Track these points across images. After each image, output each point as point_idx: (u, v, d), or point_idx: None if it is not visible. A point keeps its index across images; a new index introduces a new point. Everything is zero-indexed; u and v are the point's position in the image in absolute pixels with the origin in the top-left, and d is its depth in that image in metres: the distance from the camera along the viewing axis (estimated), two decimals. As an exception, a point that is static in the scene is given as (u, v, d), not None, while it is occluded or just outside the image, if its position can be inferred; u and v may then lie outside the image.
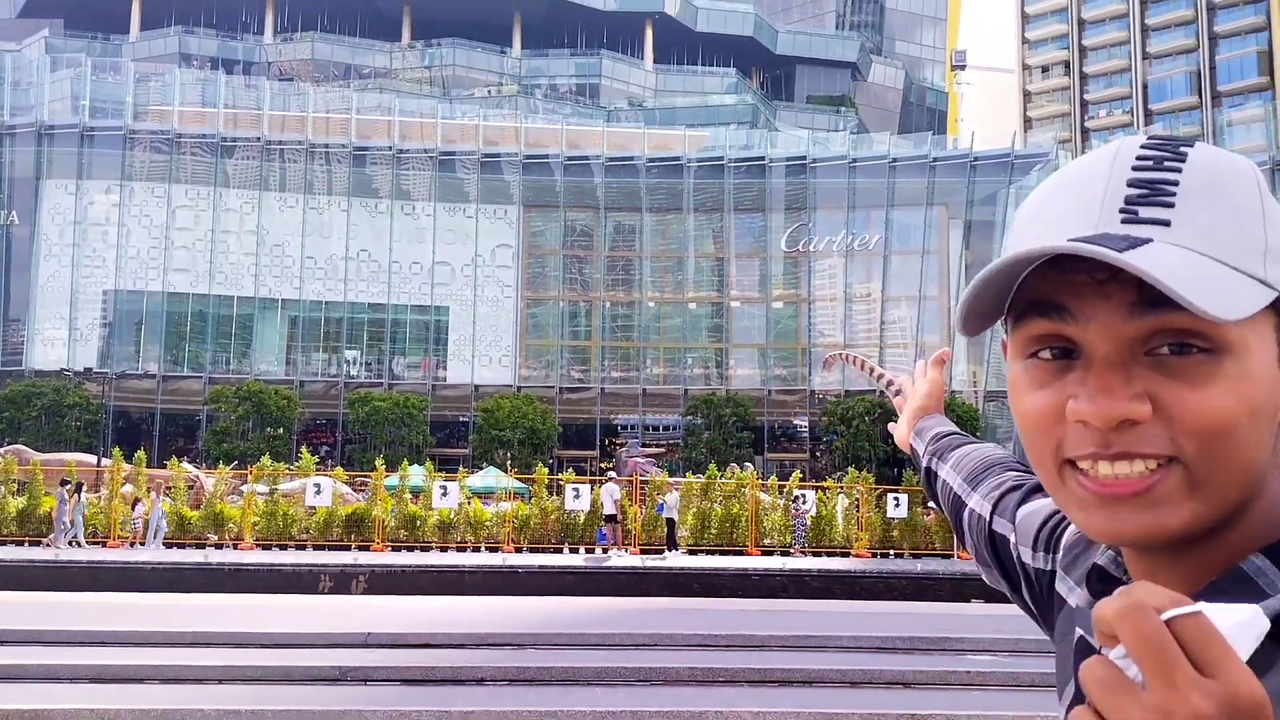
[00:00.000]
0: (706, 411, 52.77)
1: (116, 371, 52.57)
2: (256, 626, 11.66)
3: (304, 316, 56.19)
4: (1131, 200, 0.80)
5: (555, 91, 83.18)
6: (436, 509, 27.05)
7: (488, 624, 12.26)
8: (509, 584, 19.96)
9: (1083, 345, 0.81)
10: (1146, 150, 0.83)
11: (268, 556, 22.98)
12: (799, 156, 57.52)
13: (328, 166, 56.40)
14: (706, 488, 29.28)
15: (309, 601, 15.99)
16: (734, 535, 27.96)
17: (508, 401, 51.68)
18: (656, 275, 59.11)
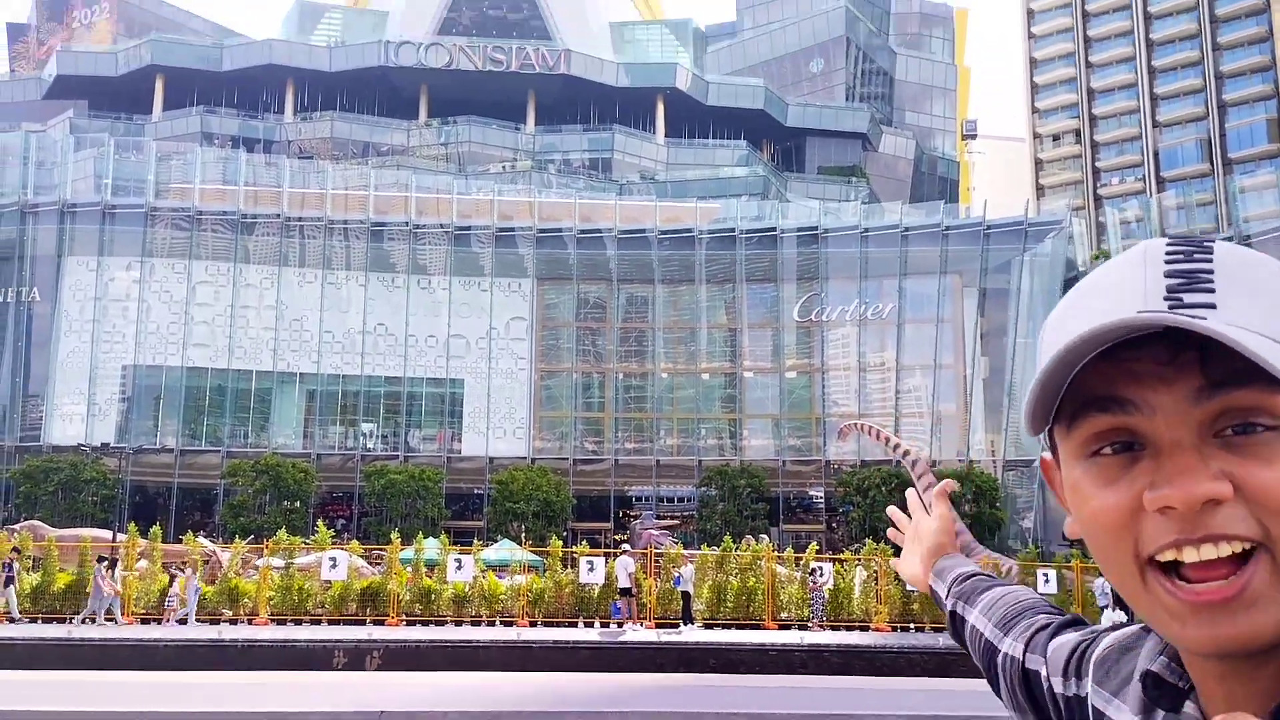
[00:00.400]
0: (721, 483, 52.47)
1: (134, 446, 52.81)
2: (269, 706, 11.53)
3: (321, 390, 56.48)
4: (1173, 289, 0.80)
5: (568, 166, 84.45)
6: (451, 583, 26.85)
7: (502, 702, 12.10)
8: (524, 659, 19.72)
9: (1149, 435, 0.80)
10: (1174, 247, 0.84)
11: (282, 632, 22.81)
12: (810, 227, 57.92)
13: (346, 242, 57.12)
14: (722, 560, 28.99)
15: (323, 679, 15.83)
16: (751, 608, 27.59)
17: (522, 474, 51.57)
18: (669, 346, 59.29)
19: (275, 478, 49.55)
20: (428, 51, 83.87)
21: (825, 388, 57.25)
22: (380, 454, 55.32)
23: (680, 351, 59.50)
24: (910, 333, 55.77)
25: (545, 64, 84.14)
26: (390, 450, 55.76)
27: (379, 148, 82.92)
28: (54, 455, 50.50)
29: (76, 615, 25.02)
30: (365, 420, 56.55)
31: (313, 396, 56.76)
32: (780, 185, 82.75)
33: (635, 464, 57.05)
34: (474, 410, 56.95)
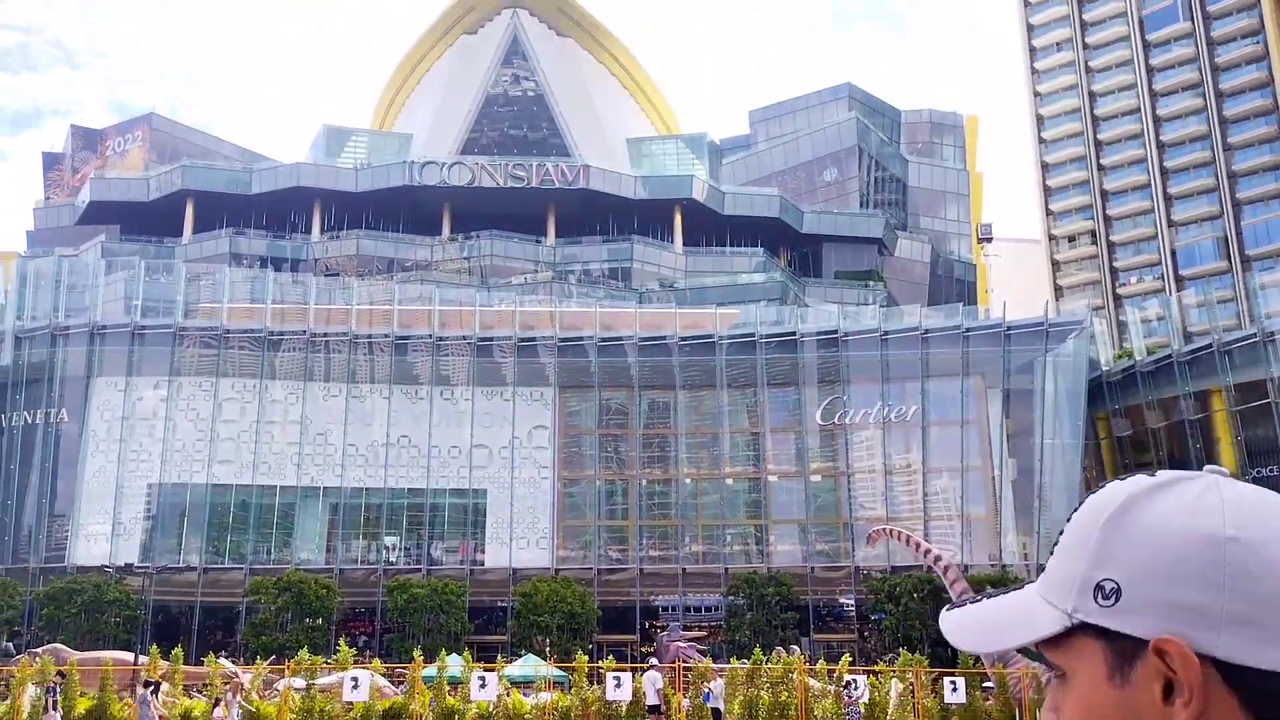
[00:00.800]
0: (748, 591, 51.59)
1: (158, 565, 52.64)
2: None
3: (344, 503, 56.38)
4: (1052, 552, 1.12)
5: (588, 276, 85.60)
6: (475, 701, 26.31)
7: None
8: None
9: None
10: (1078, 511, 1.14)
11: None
12: (830, 331, 58.13)
13: (370, 356, 57.70)
14: (753, 673, 28.31)
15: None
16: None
17: (546, 585, 50.92)
18: (692, 451, 59.03)
19: (297, 595, 49.11)
20: (451, 170, 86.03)
21: (851, 491, 56.63)
22: (403, 567, 54.85)
23: (703, 456, 59.20)
24: (935, 435, 55.37)
25: (565, 179, 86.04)
26: (413, 563, 55.30)
27: (403, 263, 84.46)
28: (78, 576, 50.34)
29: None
30: (388, 533, 56.24)
31: (335, 510, 56.63)
32: (798, 290, 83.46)
33: (660, 572, 56.27)
34: (497, 520, 56.61)
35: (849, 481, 56.76)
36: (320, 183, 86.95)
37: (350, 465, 56.17)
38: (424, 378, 57.84)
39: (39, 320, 57.14)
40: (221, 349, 56.36)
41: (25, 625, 49.37)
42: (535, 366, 58.31)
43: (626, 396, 59.46)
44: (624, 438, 59.68)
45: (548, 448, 57.95)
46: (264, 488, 55.44)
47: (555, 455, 57.94)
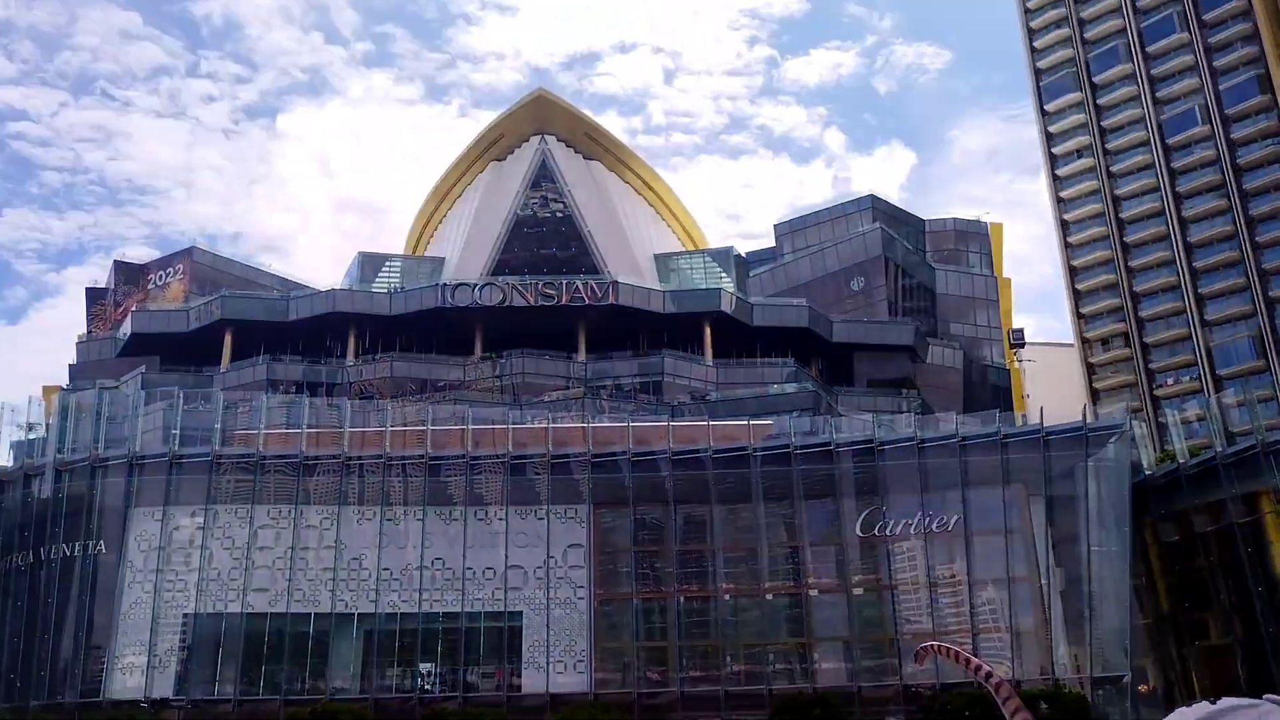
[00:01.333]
0: (793, 715, 50.00)
1: (192, 698, 51.94)
2: None
3: (379, 629, 55.69)
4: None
5: (620, 391, 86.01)
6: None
7: None
8: None
9: None
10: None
11: None
12: (865, 440, 57.61)
13: (404, 477, 57.74)
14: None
15: None
16: None
17: (584, 712, 49.69)
18: (730, 566, 58.02)
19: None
20: (482, 291, 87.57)
21: (896, 605, 55.23)
22: (438, 695, 53.75)
23: (742, 571, 58.16)
24: (979, 545, 54.20)
25: (594, 295, 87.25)
26: (448, 689, 54.22)
27: (436, 383, 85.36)
28: (113, 712, 49.73)
29: None
30: (423, 660, 55.31)
31: (370, 637, 55.90)
32: (830, 400, 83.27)
33: (702, 694, 54.69)
34: (533, 643, 55.60)
35: (893, 595, 55.43)
36: (355, 307, 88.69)
37: (385, 590, 55.66)
38: (457, 498, 57.71)
39: (79, 452, 57.84)
40: (258, 475, 56.64)
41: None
42: (569, 484, 58.06)
43: (662, 512, 58.89)
44: (660, 554, 58.87)
45: (583, 566, 57.25)
46: (298, 615, 54.96)
47: (591, 574, 57.18)
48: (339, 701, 50.87)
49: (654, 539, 59.29)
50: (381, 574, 55.87)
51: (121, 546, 55.53)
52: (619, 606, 57.96)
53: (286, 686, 53.50)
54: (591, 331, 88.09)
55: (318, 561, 56.02)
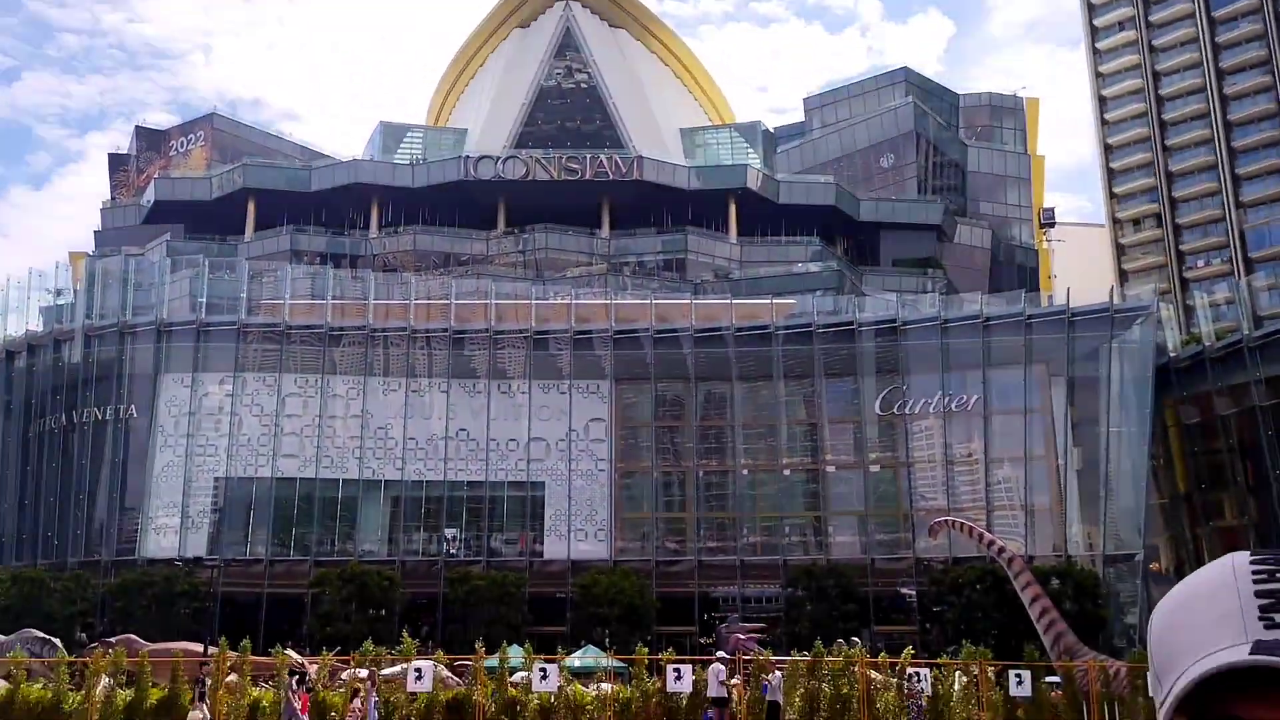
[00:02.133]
0: (808, 583, 51.31)
1: (225, 558, 53.73)
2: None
3: (405, 496, 57.10)
4: (1265, 609, 1.03)
5: (643, 268, 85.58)
6: (537, 692, 26.48)
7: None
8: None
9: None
10: (1258, 565, 1.07)
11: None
12: (888, 320, 57.46)
13: (428, 350, 58.29)
14: (813, 666, 28.12)
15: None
16: (845, 717, 26.63)
17: (604, 577, 51.14)
18: (749, 443, 58.76)
19: (361, 586, 49.89)
20: (505, 164, 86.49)
21: (912, 482, 55.98)
22: (463, 559, 55.38)
23: (760, 448, 58.91)
24: (998, 424, 54.51)
25: (619, 171, 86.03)
26: (473, 555, 55.82)
27: (459, 258, 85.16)
28: (148, 569, 51.59)
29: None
30: (448, 525, 56.83)
31: (397, 503, 57.38)
32: (855, 279, 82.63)
33: (719, 564, 56.15)
34: (555, 513, 56.92)
35: (909, 472, 56.12)
36: (378, 179, 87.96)
37: (410, 459, 56.84)
38: (481, 371, 58.30)
39: (107, 318, 58.59)
40: (284, 345, 57.32)
41: (98, 617, 50.70)
42: (591, 359, 58.46)
43: (682, 388, 59.37)
44: (680, 430, 59.62)
45: (604, 440, 58.10)
46: (327, 481, 56.34)
47: (612, 448, 58.06)
48: (367, 563, 52.54)
49: (674, 414, 59.95)
50: (407, 443, 56.96)
51: (152, 411, 56.69)
52: (639, 479, 59.04)
53: (316, 548, 55.23)
54: (615, 207, 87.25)
55: (345, 430, 57.10)
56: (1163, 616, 1.10)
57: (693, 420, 58.99)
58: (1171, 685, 1.03)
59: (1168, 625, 1.09)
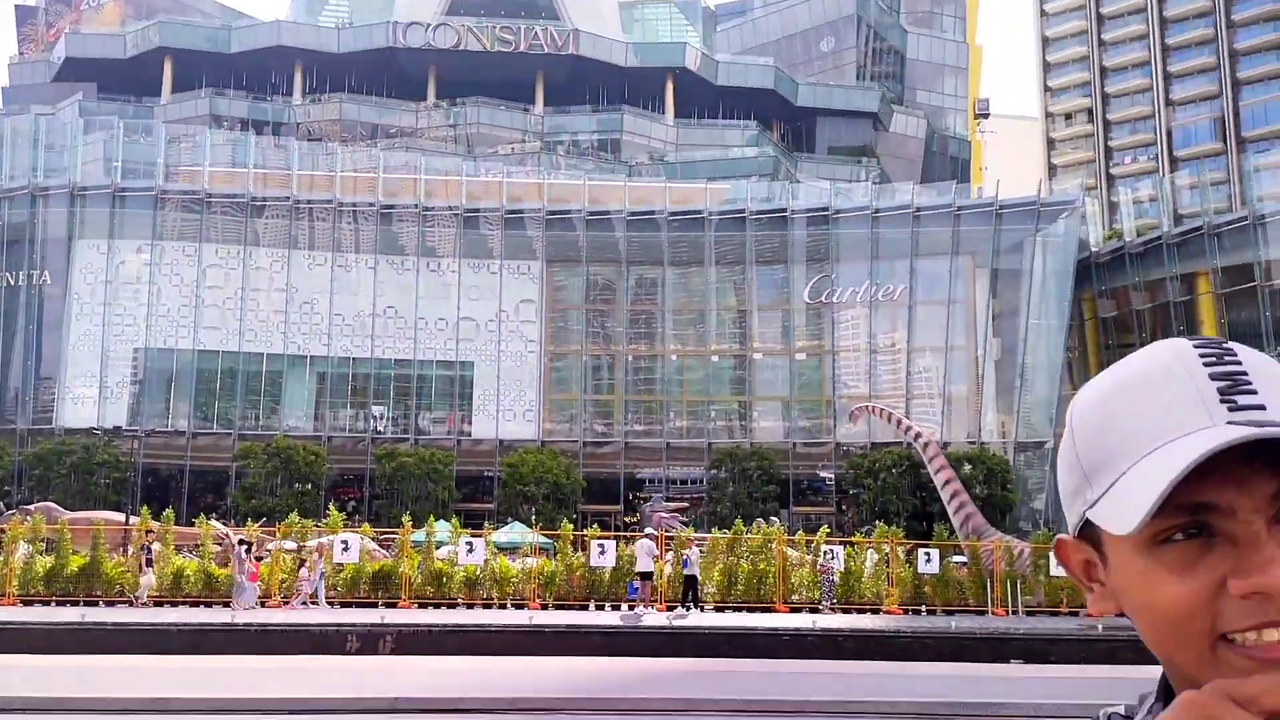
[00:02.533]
0: (731, 465, 52.45)
1: (146, 429, 52.98)
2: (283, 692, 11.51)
3: (332, 372, 56.59)
4: (1223, 391, 0.92)
5: (577, 147, 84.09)
6: (462, 565, 26.89)
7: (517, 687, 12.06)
8: (537, 644, 19.72)
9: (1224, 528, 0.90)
10: (1202, 349, 0.96)
11: (295, 616, 22.86)
12: (821, 208, 57.60)
13: (355, 224, 57.06)
14: (733, 543, 28.96)
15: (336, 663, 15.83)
16: (761, 591, 27.58)
17: (532, 456, 51.66)
18: (678, 328, 59.12)
19: (286, 460, 49.75)
20: (436, 32, 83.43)
21: (836, 370, 57.05)
22: (390, 436, 55.42)
23: (690, 334, 59.34)
24: (922, 314, 55.50)
25: (554, 44, 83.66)
26: (401, 433, 55.87)
27: (387, 129, 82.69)
28: (66, 438, 50.70)
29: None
30: (376, 403, 56.63)
31: (323, 379, 56.88)
32: (790, 166, 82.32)
33: (645, 446, 57.03)
34: (484, 393, 56.97)
35: (834, 360, 57.12)
36: (301, 42, 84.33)
37: (337, 335, 56.15)
38: (410, 248, 57.35)
39: (18, 180, 56.08)
40: (204, 213, 55.61)
41: (15, 485, 49.92)
42: (522, 239, 57.81)
43: (614, 272, 59.19)
44: (611, 313, 59.67)
45: (534, 322, 57.94)
46: (251, 355, 55.51)
47: (542, 329, 57.98)
48: (294, 438, 52.28)
49: (605, 298, 59.89)
50: (334, 319, 56.19)
51: (67, 278, 54.94)
52: (568, 361, 59.23)
53: (240, 422, 54.73)
54: (550, 83, 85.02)
55: (269, 304, 56.06)
56: (1095, 407, 0.97)
57: (623, 304, 59.03)
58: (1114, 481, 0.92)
59: (1106, 415, 0.96)
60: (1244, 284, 53.32)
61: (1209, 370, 0.93)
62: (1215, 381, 0.92)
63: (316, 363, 56.48)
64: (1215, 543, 0.90)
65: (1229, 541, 0.89)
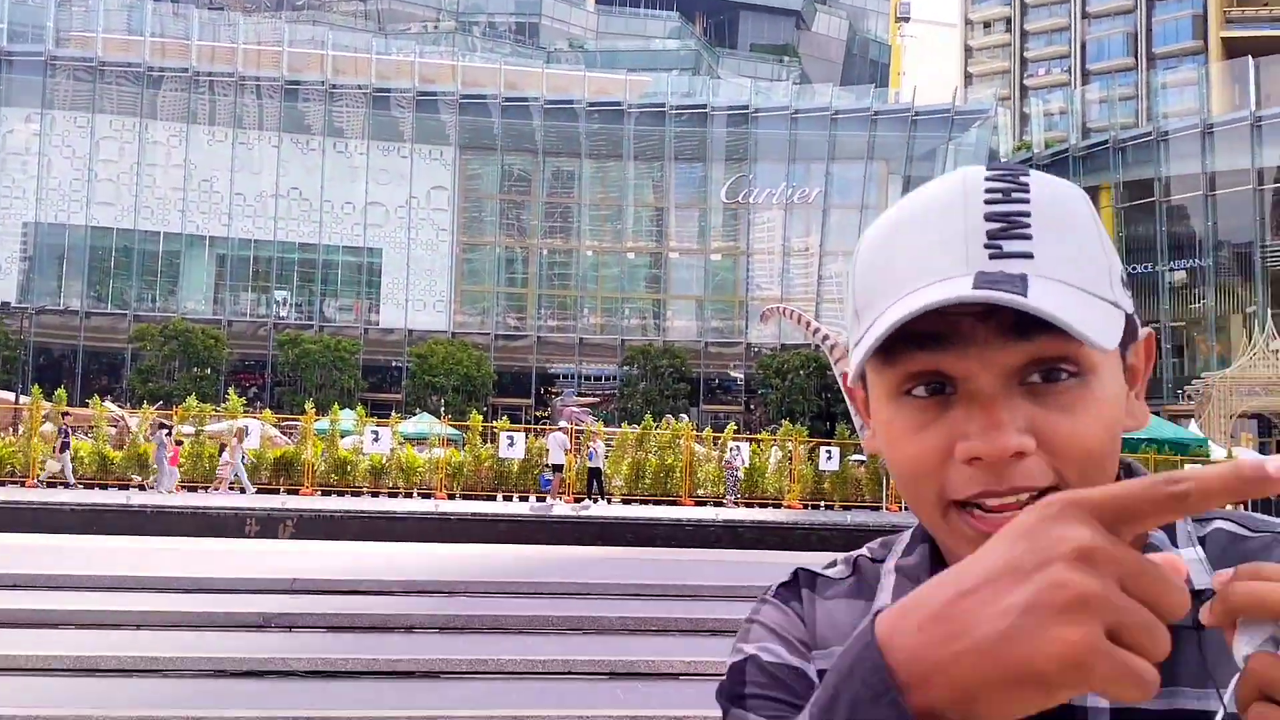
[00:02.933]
0: (643, 362, 52.79)
1: (36, 306, 50.91)
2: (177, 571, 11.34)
3: (232, 255, 54.88)
4: (993, 234, 0.81)
5: (494, 30, 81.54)
6: (368, 454, 26.69)
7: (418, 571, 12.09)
8: (441, 531, 19.75)
9: (961, 378, 0.81)
10: (993, 182, 0.84)
11: (192, 499, 22.50)
12: (741, 106, 57.16)
13: (258, 100, 54.79)
14: (642, 438, 29.27)
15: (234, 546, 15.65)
16: (668, 485, 28.05)
17: (442, 347, 51.18)
18: (595, 223, 58.63)
19: (184, 344, 48.44)
20: (347, -100, 79.35)
21: (750, 271, 57.41)
22: (294, 323, 54.27)
23: (606, 229, 58.92)
24: (835, 218, 55.95)
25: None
26: (305, 319, 54.73)
27: (293, 1, 78.99)
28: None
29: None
30: (278, 288, 55.23)
31: (223, 261, 55.14)
32: (712, 61, 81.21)
33: (557, 341, 56.96)
34: (392, 281, 55.97)
35: (748, 261, 57.43)
36: (201, -98, 79.40)
37: (238, 215, 54.31)
38: (316, 128, 55.37)
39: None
40: (97, 83, 52.75)
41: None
42: (435, 123, 56.24)
43: (530, 162, 58.15)
44: (526, 205, 58.79)
45: (447, 210, 56.81)
46: (147, 233, 53.45)
47: (454, 218, 56.92)
48: (192, 321, 50.82)
49: (521, 189, 58.90)
50: (234, 199, 54.27)
51: (-53, 147, 51.91)
52: (482, 252, 58.39)
53: (136, 303, 52.96)
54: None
55: (166, 180, 53.83)
56: (874, 240, 0.88)
57: (539, 196, 58.19)
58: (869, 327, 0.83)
59: (879, 249, 0.87)
60: (1144, 199, 54.82)
61: (989, 209, 0.82)
62: (989, 223, 0.81)
63: (216, 244, 54.66)
64: (954, 401, 0.81)
65: (967, 402, 0.80)
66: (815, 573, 0.99)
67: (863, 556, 1.00)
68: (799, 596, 0.97)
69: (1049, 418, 0.79)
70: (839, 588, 0.97)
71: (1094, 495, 0.57)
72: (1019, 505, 0.78)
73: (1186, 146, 53.06)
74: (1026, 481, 0.78)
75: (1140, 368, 0.89)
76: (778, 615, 0.95)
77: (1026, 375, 0.80)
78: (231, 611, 9.56)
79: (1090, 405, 0.80)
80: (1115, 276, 0.85)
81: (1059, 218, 0.83)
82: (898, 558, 0.95)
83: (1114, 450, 0.83)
